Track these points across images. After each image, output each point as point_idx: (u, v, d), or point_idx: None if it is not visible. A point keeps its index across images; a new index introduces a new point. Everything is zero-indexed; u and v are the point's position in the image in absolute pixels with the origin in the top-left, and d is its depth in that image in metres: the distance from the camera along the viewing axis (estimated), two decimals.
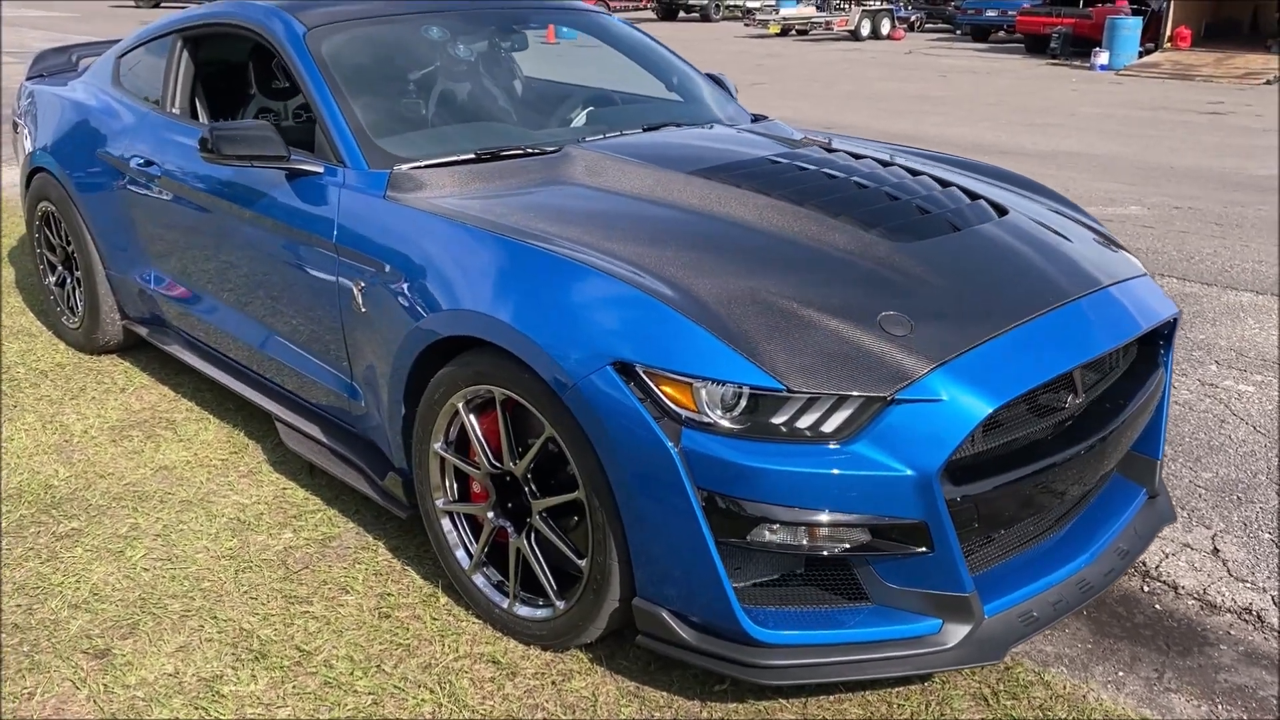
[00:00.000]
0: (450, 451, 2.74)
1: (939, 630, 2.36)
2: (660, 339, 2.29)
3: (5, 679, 2.51)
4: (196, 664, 2.58)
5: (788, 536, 2.26)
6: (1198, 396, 4.19)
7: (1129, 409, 2.70)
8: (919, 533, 2.26)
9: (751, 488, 2.21)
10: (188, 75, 3.98)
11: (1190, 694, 2.55)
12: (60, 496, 3.34)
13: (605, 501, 2.36)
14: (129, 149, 3.92)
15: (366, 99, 3.29)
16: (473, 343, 2.59)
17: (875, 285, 2.47)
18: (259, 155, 3.07)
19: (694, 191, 2.87)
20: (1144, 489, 2.97)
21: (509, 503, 2.68)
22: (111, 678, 2.52)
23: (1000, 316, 2.44)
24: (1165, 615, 2.87)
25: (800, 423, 2.23)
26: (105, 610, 2.78)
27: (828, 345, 2.28)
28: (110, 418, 3.90)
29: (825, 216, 2.71)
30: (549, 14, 4.18)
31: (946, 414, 2.24)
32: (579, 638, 2.56)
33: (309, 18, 3.46)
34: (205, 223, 3.56)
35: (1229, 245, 6.64)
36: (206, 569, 2.97)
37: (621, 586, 2.43)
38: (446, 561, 2.83)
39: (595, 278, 2.43)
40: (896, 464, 2.20)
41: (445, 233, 2.74)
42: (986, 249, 2.70)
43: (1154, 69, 19.70)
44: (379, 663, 2.59)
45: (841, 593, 2.38)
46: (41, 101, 4.63)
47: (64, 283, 4.56)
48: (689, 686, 2.52)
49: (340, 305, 3.00)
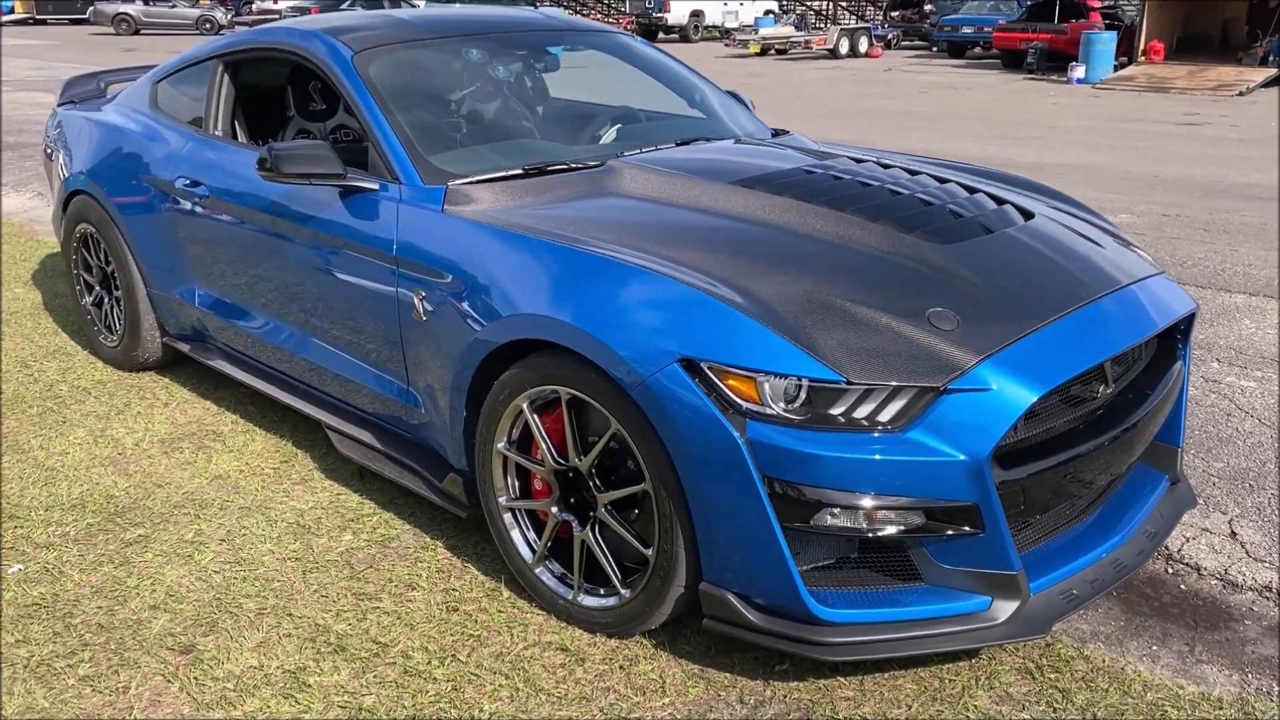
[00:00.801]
0: (513, 450, 2.88)
1: (989, 607, 2.50)
2: (723, 336, 2.44)
3: (99, 675, 2.63)
4: (279, 658, 2.70)
5: (848, 520, 2.40)
6: (1203, 392, 4.38)
7: (1153, 399, 2.87)
8: (971, 514, 2.41)
9: (815, 474, 2.35)
10: (229, 98, 4.11)
11: (1221, 665, 2.71)
12: (123, 506, 3.45)
13: (672, 492, 2.50)
14: (174, 170, 4.05)
15: (414, 118, 3.44)
16: (536, 346, 2.74)
17: (920, 284, 2.63)
18: (318, 173, 3.21)
19: (738, 200, 3.03)
20: (1166, 476, 3.14)
21: (571, 498, 2.82)
22: (200, 671, 2.64)
23: (1036, 312, 2.61)
24: (1190, 595, 3.03)
25: (858, 413, 2.38)
26: (183, 610, 2.90)
27: (881, 339, 2.44)
28: (159, 431, 4.02)
29: (866, 221, 2.87)
30: (576, 36, 4.34)
31: (995, 402, 2.40)
32: (644, 624, 2.69)
33: (355, 41, 3.61)
34: (256, 240, 3.69)
35: (1218, 250, 6.86)
36: (275, 570, 3.09)
37: (687, 573, 2.57)
38: (510, 556, 2.96)
39: (657, 280, 2.58)
40: (950, 449, 2.36)
41: (507, 242, 2.88)
42: (1017, 250, 2.87)
43: (1129, 82, 20.09)
44: (453, 652, 2.71)
45: (897, 574, 2.53)
46: (76, 127, 4.75)
47: (101, 302, 4.67)
48: (751, 668, 2.66)
49: (400, 315, 3.13)
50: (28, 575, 3.05)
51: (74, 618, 2.86)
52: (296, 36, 3.77)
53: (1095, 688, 2.59)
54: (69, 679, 2.61)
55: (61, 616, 2.87)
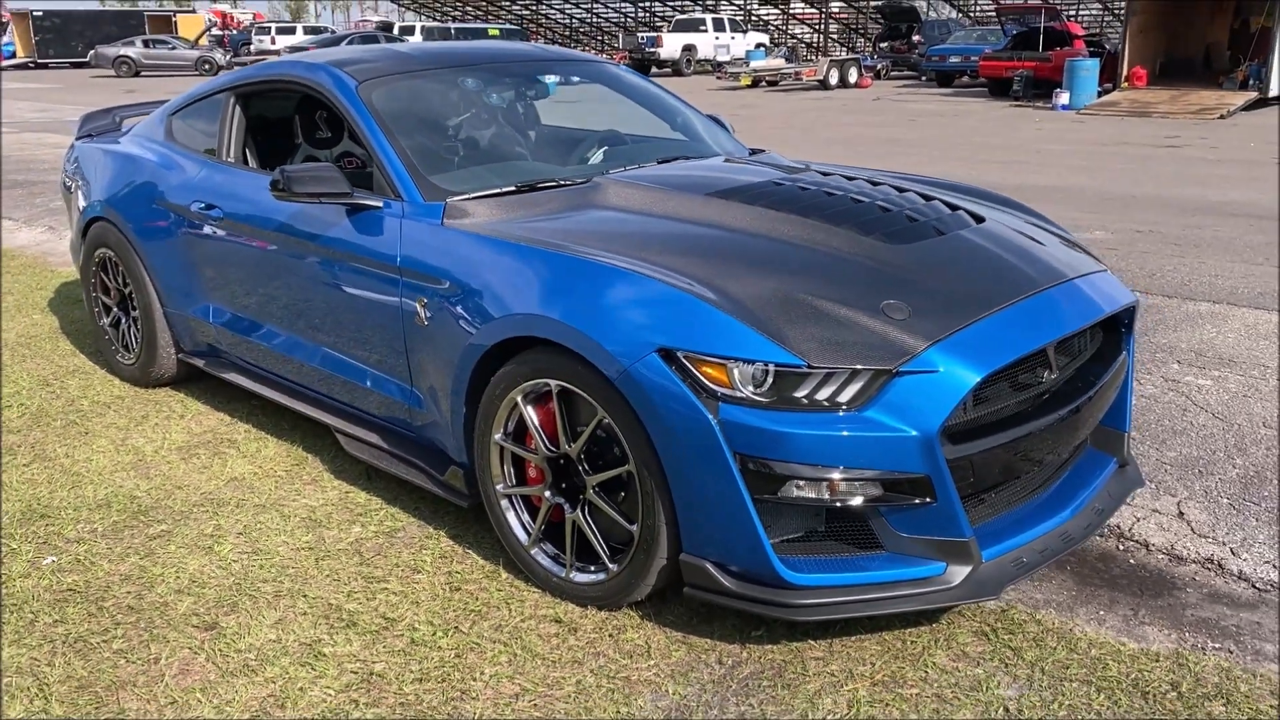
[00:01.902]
0: (509, 441, 3.13)
1: (944, 572, 2.75)
2: (697, 328, 2.70)
3: (131, 649, 2.87)
4: (295, 632, 2.94)
5: (813, 491, 2.65)
6: (1161, 390, 4.63)
7: (1097, 385, 3.13)
8: (924, 486, 2.66)
9: (781, 450, 2.61)
10: (240, 128, 4.40)
11: (1162, 626, 2.95)
12: (145, 505, 3.70)
13: (654, 471, 2.76)
14: (190, 195, 4.32)
15: (414, 141, 3.72)
16: (529, 344, 3.00)
17: (876, 279, 2.90)
18: (327, 192, 3.48)
19: (713, 210, 3.31)
20: (1115, 458, 3.39)
21: (563, 483, 3.07)
22: (224, 644, 2.88)
23: (983, 303, 2.87)
24: (1138, 567, 3.27)
25: (819, 395, 2.64)
26: (205, 594, 3.14)
27: (839, 328, 2.70)
28: (176, 439, 4.27)
29: (829, 225, 3.14)
30: (565, 65, 4.64)
31: (942, 383, 2.66)
32: (630, 595, 2.94)
33: (358, 72, 3.90)
34: (268, 257, 3.96)
35: (1187, 263, 7.14)
36: (289, 559, 3.33)
37: (669, 546, 2.82)
38: (507, 539, 3.20)
39: (637, 280, 2.85)
40: (903, 426, 2.61)
41: (501, 250, 3.15)
42: (968, 249, 3.14)
43: (1113, 107, 20.50)
44: (456, 625, 2.95)
45: (859, 543, 2.77)
46: (94, 158, 5.03)
47: (118, 323, 4.93)
48: (729, 634, 2.90)
49: (404, 321, 3.39)
50: (61, 566, 3.30)
51: (105, 601, 3.10)
52: (303, 69, 4.06)
53: (1045, 646, 2.83)
54: (104, 652, 2.85)
55: (94, 600, 3.11)
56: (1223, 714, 2.55)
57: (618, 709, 2.60)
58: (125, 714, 2.61)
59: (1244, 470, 3.82)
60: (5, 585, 3.19)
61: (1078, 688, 2.65)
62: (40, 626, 2.98)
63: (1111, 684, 2.67)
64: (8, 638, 2.92)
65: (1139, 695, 2.63)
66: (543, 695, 2.66)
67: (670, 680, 2.71)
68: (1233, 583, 3.17)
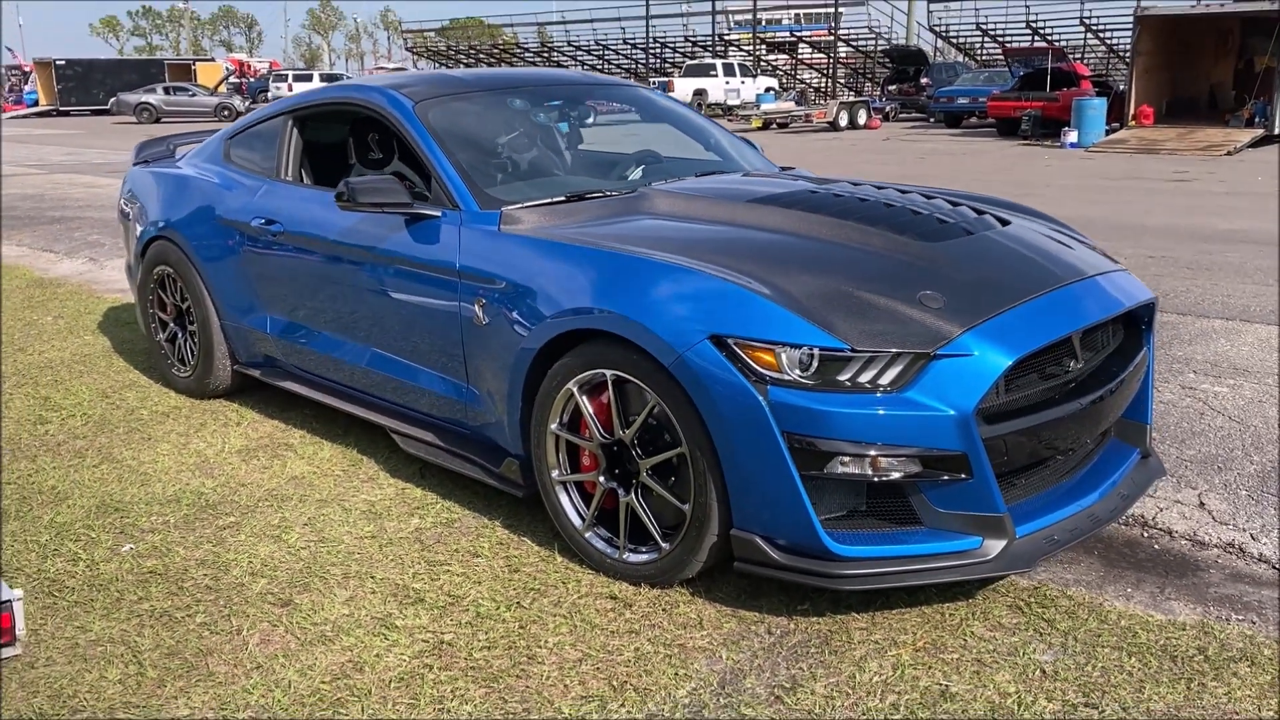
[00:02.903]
0: (564, 431, 3.32)
1: (980, 545, 2.92)
2: (746, 316, 2.90)
3: (214, 622, 3.05)
4: (367, 608, 3.11)
5: (856, 468, 2.83)
6: (1179, 397, 4.81)
7: (1119, 376, 3.31)
8: (960, 462, 2.84)
9: (827, 428, 2.80)
10: (297, 149, 4.65)
11: (1187, 601, 3.11)
12: (213, 500, 3.89)
13: (706, 452, 2.94)
14: (249, 212, 4.56)
15: (468, 155, 3.95)
16: (584, 338, 3.20)
17: (912, 273, 3.10)
18: (389, 202, 3.71)
19: (753, 214, 3.52)
20: (1138, 449, 3.57)
21: (616, 469, 3.25)
22: (301, 618, 3.06)
23: (1012, 295, 3.07)
24: (1163, 552, 3.43)
25: (862, 378, 2.83)
26: (278, 576, 3.32)
27: (880, 315, 2.90)
28: (235, 444, 4.47)
29: (865, 226, 3.35)
30: (604, 89, 4.89)
31: (977, 366, 2.85)
32: (682, 572, 3.11)
33: (414, 94, 4.14)
34: (326, 267, 4.19)
35: (1199, 284, 7.33)
36: (354, 546, 3.51)
37: (719, 523, 2.99)
38: (562, 525, 3.38)
39: (687, 273, 3.05)
40: (941, 405, 2.80)
41: (556, 252, 3.36)
42: (995, 248, 3.34)
43: (1121, 145, 20.79)
44: (518, 601, 3.13)
45: (900, 520, 2.95)
46: (152, 182, 5.28)
47: (174, 338, 5.15)
48: (776, 608, 3.07)
49: (461, 323, 3.60)
50: (139, 552, 3.48)
51: (185, 582, 3.29)
52: (361, 92, 4.32)
53: (1076, 618, 2.99)
54: (189, 625, 3.03)
55: (174, 580, 3.29)
56: (1248, 674, 2.71)
57: (675, 671, 2.77)
58: (215, 675, 2.78)
59: (1261, 466, 3.99)
60: (89, 569, 3.37)
61: (1110, 653, 2.81)
62: (127, 603, 3.16)
63: (1142, 649, 2.83)
64: (98, 613, 3.10)
65: (1168, 659, 2.78)
66: (604, 660, 2.83)
67: (723, 648, 2.88)
68: (1254, 565, 3.33)
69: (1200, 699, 2.61)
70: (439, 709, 2.63)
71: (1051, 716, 2.55)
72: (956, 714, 2.57)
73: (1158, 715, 2.55)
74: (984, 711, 2.57)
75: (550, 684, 2.73)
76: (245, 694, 2.70)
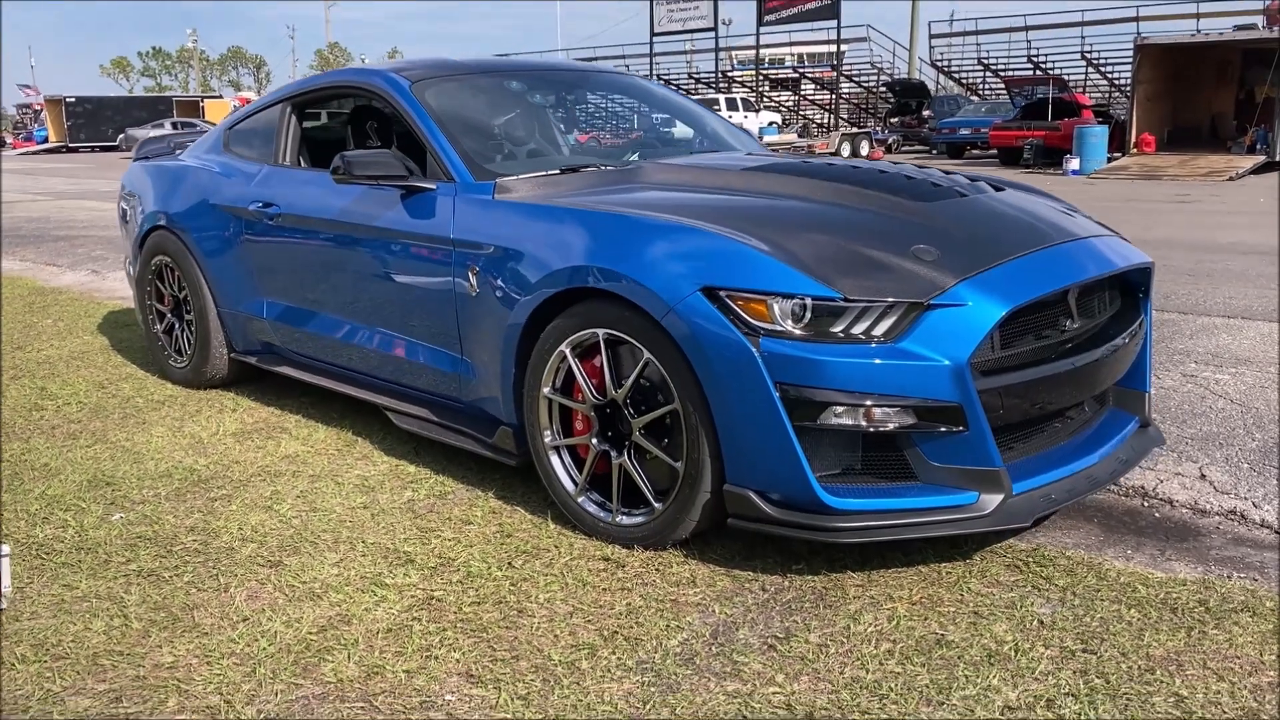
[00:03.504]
0: (557, 394, 3.30)
1: (976, 500, 2.88)
2: (737, 267, 2.88)
3: (201, 580, 3.01)
4: (356, 568, 3.08)
5: (850, 419, 2.80)
6: (1180, 383, 4.77)
7: (1116, 339, 3.29)
8: (956, 414, 2.81)
9: (820, 377, 2.77)
10: (295, 135, 4.66)
11: (1188, 561, 3.06)
12: (206, 475, 3.87)
13: (699, 406, 2.91)
14: (247, 197, 4.56)
15: (464, 132, 3.95)
16: (576, 299, 3.18)
17: (906, 229, 3.09)
18: (384, 175, 3.72)
19: (747, 180, 3.52)
20: (1136, 418, 3.53)
21: (609, 431, 3.22)
22: (290, 576, 3.02)
23: (1006, 250, 3.05)
24: (1163, 520, 3.39)
25: (855, 329, 2.81)
26: (268, 541, 3.28)
27: (873, 267, 2.88)
28: (230, 427, 4.45)
29: (859, 189, 3.35)
30: (600, 78, 4.91)
31: (971, 316, 2.82)
32: (675, 532, 3.07)
33: (410, 74, 4.16)
34: (323, 247, 4.18)
35: (1200, 288, 7.31)
36: (346, 516, 3.48)
37: (712, 479, 2.96)
38: (555, 490, 3.35)
39: (680, 229, 3.05)
40: (935, 355, 2.78)
41: (550, 215, 3.36)
42: (989, 209, 3.33)
43: (1123, 171, 20.86)
44: (509, 561, 3.09)
45: (895, 475, 2.91)
46: (151, 174, 5.30)
47: (171, 329, 5.15)
48: (770, 567, 3.03)
49: (455, 293, 3.59)
50: (129, 520, 3.45)
51: (174, 546, 3.25)
52: (359, 75, 4.35)
53: (1075, 575, 2.95)
54: (177, 583, 3.00)
55: (164, 545, 3.26)
56: (1250, 623, 2.66)
57: (667, 623, 2.72)
58: (200, 626, 2.75)
59: (1263, 443, 3.95)
60: (78, 535, 3.34)
61: (1109, 605, 2.77)
62: (115, 564, 3.13)
63: (1141, 602, 2.78)
64: (85, 573, 3.07)
65: (1168, 610, 2.73)
66: (595, 613, 2.79)
67: (717, 603, 2.84)
68: (1255, 530, 3.29)
69: (1201, 644, 2.56)
70: (426, 656, 2.59)
71: (1049, 661, 2.50)
72: (952, 660, 2.52)
73: (1158, 658, 2.50)
74: (980, 657, 2.52)
75: (540, 634, 2.69)
76: (230, 643, 2.66)
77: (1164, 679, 2.42)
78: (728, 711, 2.34)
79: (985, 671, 2.46)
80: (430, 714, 2.35)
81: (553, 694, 2.42)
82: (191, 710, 2.38)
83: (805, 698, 2.38)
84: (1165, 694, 2.36)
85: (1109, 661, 2.49)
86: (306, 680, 2.49)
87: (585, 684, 2.45)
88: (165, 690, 2.45)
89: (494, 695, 2.42)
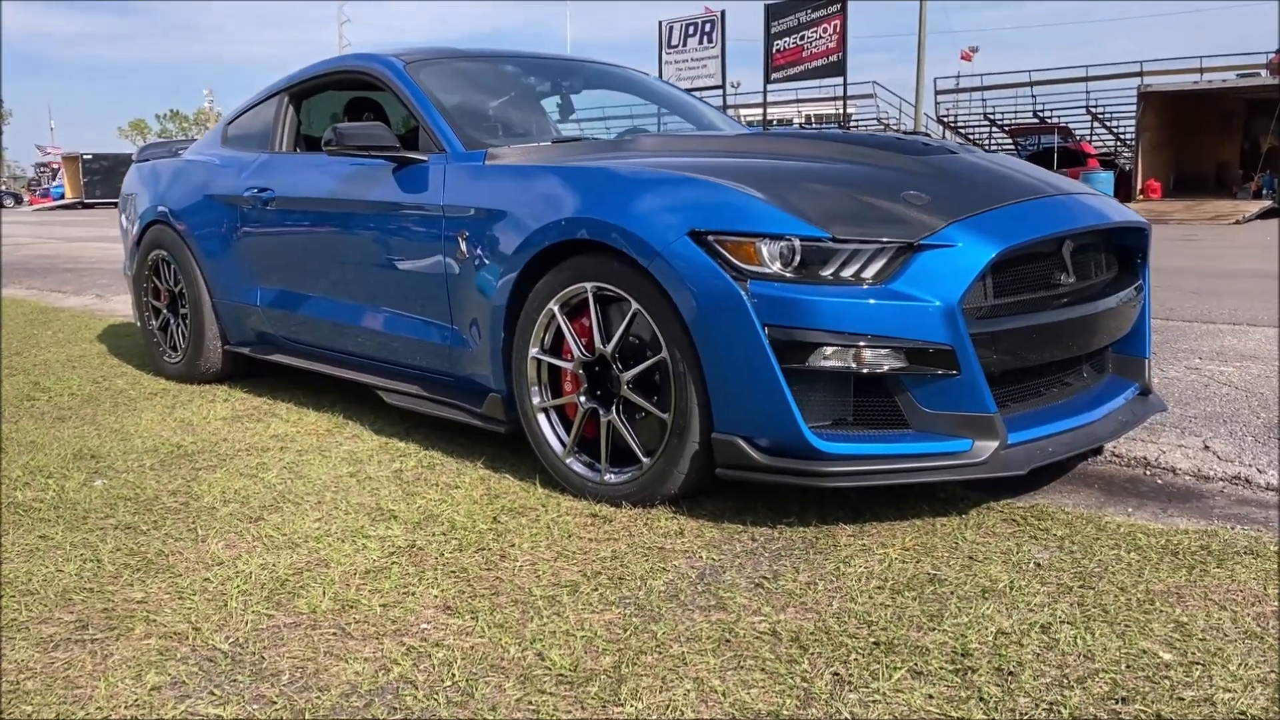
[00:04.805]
0: (546, 354, 3.25)
1: (970, 447, 2.82)
2: (724, 211, 2.85)
3: (179, 534, 2.95)
4: (338, 522, 3.01)
5: (839, 360, 2.75)
6: (1184, 374, 4.71)
7: (1113, 297, 3.25)
8: (947, 357, 2.76)
9: (809, 318, 2.72)
10: (291, 124, 4.69)
11: (1191, 517, 2.98)
12: (193, 450, 3.82)
13: (686, 354, 2.87)
14: (244, 184, 4.57)
15: (457, 108, 3.96)
16: (564, 254, 3.15)
17: (896, 178, 3.05)
18: (376, 146, 3.72)
19: (739, 143, 3.52)
20: (1137, 384, 3.47)
21: (597, 390, 3.17)
22: (269, 530, 2.96)
23: (997, 198, 3.02)
24: (1167, 485, 3.31)
25: (845, 272, 2.77)
26: (250, 501, 3.23)
27: (863, 209, 2.85)
28: (220, 413, 4.41)
29: (850, 146, 3.33)
30: (594, 68, 4.93)
31: (962, 257, 2.78)
32: (664, 486, 3.00)
33: (405, 55, 4.19)
34: (316, 227, 4.18)
35: (1205, 302, 7.26)
36: (331, 481, 3.42)
37: (701, 430, 2.90)
38: (543, 452, 3.29)
39: (667, 178, 3.03)
40: (926, 296, 2.73)
41: (539, 174, 3.35)
42: (981, 164, 3.30)
43: None
44: (494, 518, 3.03)
45: (887, 423, 2.85)
46: (150, 172, 5.33)
47: (167, 325, 5.13)
48: (761, 520, 2.95)
49: (446, 262, 3.56)
50: (111, 485, 3.40)
51: (154, 505, 3.20)
52: (355, 59, 4.38)
53: (1074, 527, 2.87)
54: (153, 536, 2.94)
55: (144, 504, 3.20)
56: (1253, 563, 2.57)
57: (652, 566, 2.65)
58: (174, 569, 2.68)
59: (1267, 421, 3.87)
60: (59, 496, 3.29)
61: (1108, 550, 2.69)
62: (93, 519, 3.07)
63: (1142, 547, 2.70)
64: (62, 526, 3.01)
65: (1169, 554, 2.65)
66: (579, 557, 2.71)
67: (704, 550, 2.76)
68: (1260, 492, 3.20)
69: (1202, 580, 2.48)
70: (404, 593, 2.51)
71: (1045, 596, 2.42)
72: (945, 595, 2.44)
73: (1158, 592, 2.42)
74: (974, 593, 2.44)
75: (522, 574, 2.61)
76: (203, 582, 2.59)
77: (1164, 608, 2.33)
78: (711, 635, 2.26)
79: (979, 604, 2.38)
80: (405, 639, 2.27)
81: (531, 623, 2.34)
82: (159, 636, 2.30)
83: (791, 625, 2.30)
84: (1165, 620, 2.27)
85: (1107, 595, 2.41)
86: (279, 612, 2.42)
87: (565, 614, 2.38)
88: (133, 620, 2.38)
89: (471, 623, 2.34)
